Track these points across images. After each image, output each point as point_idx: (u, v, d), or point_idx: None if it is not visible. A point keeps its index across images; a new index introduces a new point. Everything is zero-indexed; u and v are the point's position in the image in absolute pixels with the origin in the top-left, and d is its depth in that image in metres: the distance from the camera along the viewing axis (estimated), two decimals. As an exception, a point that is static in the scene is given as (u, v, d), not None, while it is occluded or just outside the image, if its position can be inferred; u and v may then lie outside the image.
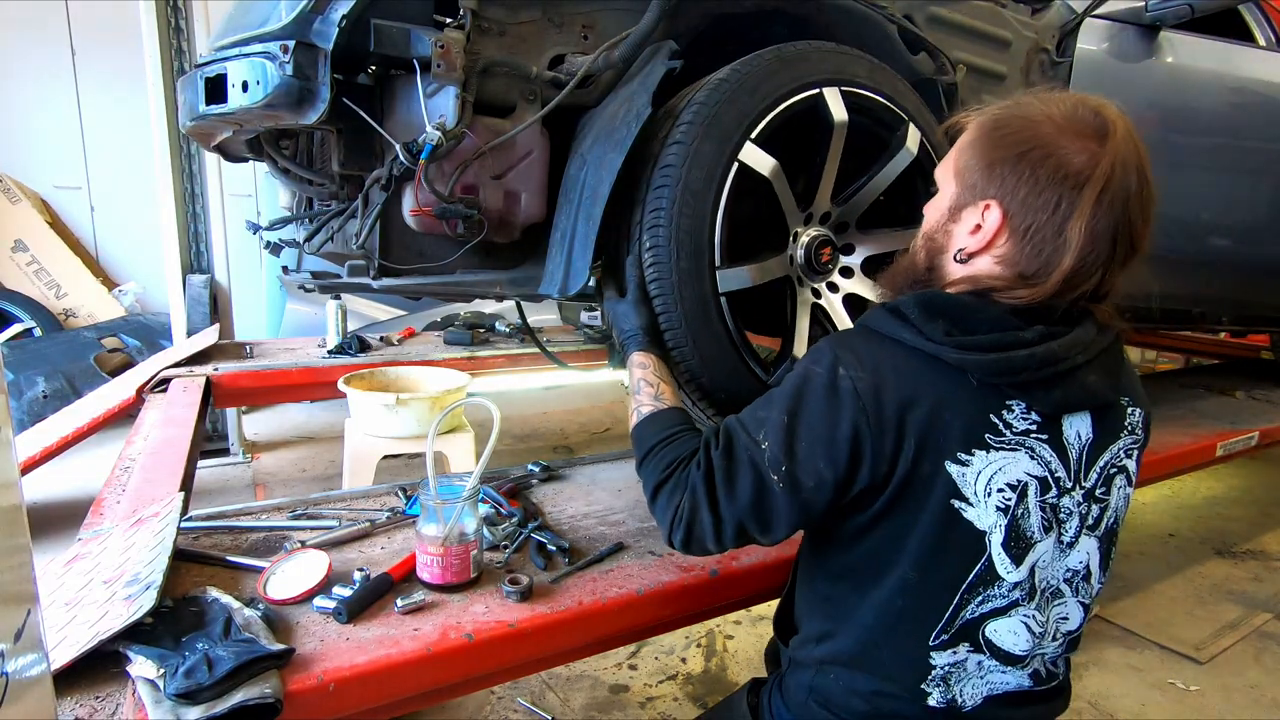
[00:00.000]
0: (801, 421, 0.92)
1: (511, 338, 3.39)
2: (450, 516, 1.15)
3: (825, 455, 0.90)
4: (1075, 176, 0.87)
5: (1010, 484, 0.89)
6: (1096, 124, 0.89)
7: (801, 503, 0.92)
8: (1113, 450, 0.97)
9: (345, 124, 1.36)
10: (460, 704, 1.91)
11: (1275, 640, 2.42)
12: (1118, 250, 0.89)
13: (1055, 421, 0.92)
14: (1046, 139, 0.89)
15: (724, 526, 0.96)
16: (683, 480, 1.00)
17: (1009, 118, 0.94)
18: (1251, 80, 2.30)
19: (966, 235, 0.95)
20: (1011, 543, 0.91)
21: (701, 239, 1.29)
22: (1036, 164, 0.89)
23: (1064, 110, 0.91)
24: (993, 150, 0.93)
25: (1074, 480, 0.94)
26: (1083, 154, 0.87)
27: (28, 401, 3.59)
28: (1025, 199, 0.89)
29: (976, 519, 0.89)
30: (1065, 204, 0.87)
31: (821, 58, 1.40)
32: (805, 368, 0.94)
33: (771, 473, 0.92)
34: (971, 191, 0.95)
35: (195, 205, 3.44)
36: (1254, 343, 4.16)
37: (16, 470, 0.59)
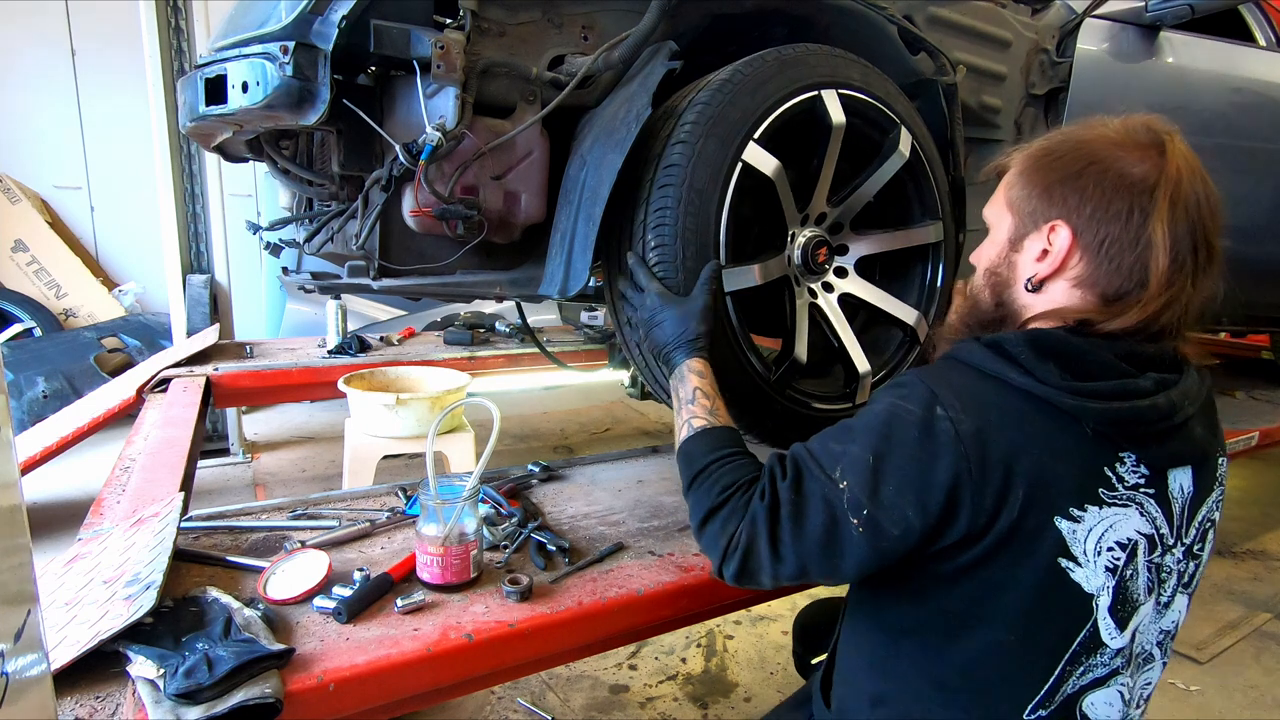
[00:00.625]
0: (889, 463, 0.84)
1: (511, 338, 3.39)
2: (450, 516, 1.15)
3: (916, 503, 0.82)
4: (1142, 183, 0.85)
5: (1120, 542, 0.84)
6: (1151, 136, 0.87)
7: (881, 550, 0.84)
8: (1208, 504, 0.93)
9: (345, 125, 1.36)
10: (460, 704, 1.91)
11: (1275, 640, 2.42)
12: (1199, 257, 0.85)
13: (1162, 475, 0.87)
14: (1103, 154, 0.87)
15: (783, 565, 0.88)
16: (740, 508, 0.92)
17: (1056, 145, 0.92)
18: (1251, 80, 2.30)
19: (1033, 263, 0.91)
20: (1118, 606, 0.85)
21: (707, 237, 1.29)
22: (1099, 177, 0.86)
23: (1115, 128, 0.89)
24: (1048, 174, 0.90)
25: (1175, 537, 0.89)
26: (1144, 163, 0.85)
27: (28, 401, 3.59)
28: (1093, 214, 0.87)
29: (1085, 580, 0.83)
30: (1138, 211, 0.84)
31: (818, 61, 1.41)
32: (893, 404, 0.86)
33: (851, 516, 0.84)
34: (1032, 219, 0.92)
35: (195, 205, 3.44)
36: (1254, 343, 4.16)
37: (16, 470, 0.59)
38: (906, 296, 1.59)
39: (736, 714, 1.97)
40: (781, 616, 2.44)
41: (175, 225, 3.34)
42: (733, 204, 1.31)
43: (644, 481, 1.70)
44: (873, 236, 1.54)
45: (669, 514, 1.51)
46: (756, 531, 0.89)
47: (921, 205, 1.56)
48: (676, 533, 1.43)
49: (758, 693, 2.06)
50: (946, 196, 1.59)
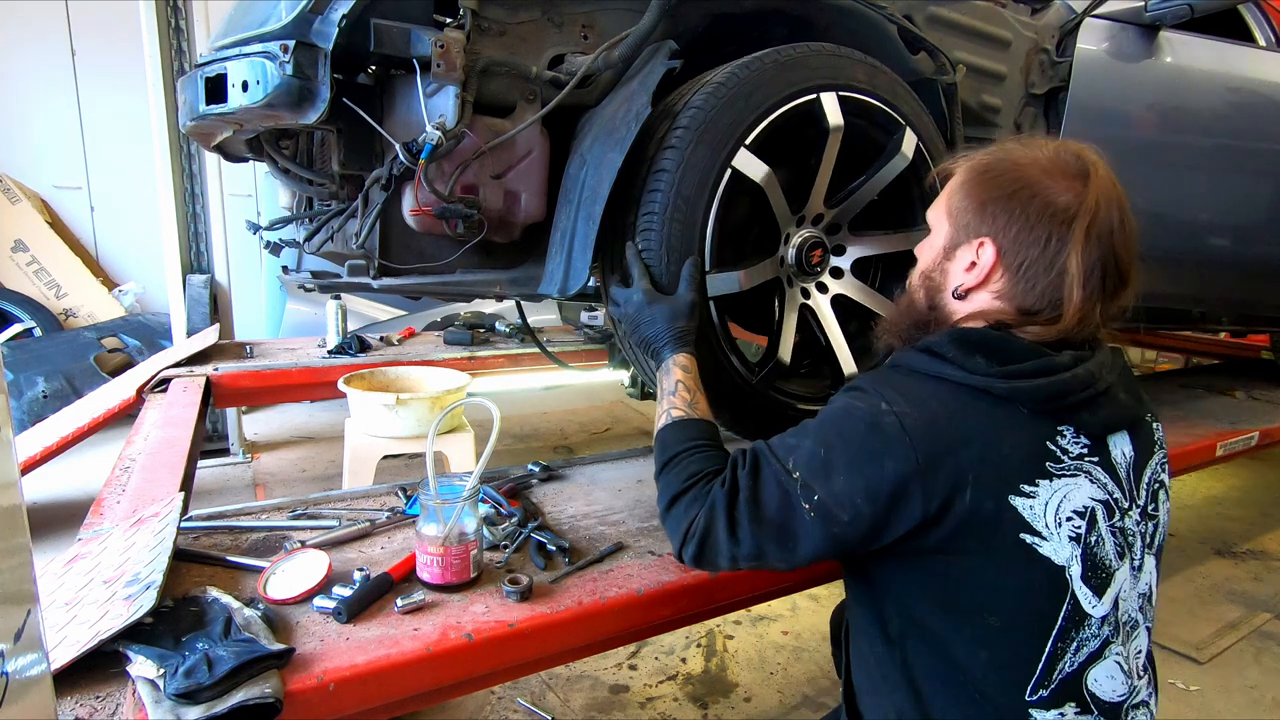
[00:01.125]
0: (838, 455, 0.90)
1: (511, 338, 3.39)
2: (450, 516, 1.15)
3: (865, 491, 0.88)
4: (1063, 213, 0.91)
5: (1077, 511, 0.88)
6: (1078, 166, 0.94)
7: (834, 536, 0.90)
8: (1152, 466, 0.99)
9: (345, 124, 1.36)
10: (460, 704, 1.91)
11: (1275, 640, 2.42)
12: (1107, 284, 0.93)
13: (1102, 443, 0.93)
14: (1033, 180, 0.94)
15: (740, 547, 0.94)
16: (702, 494, 0.98)
17: (996, 161, 0.98)
18: (1251, 80, 2.30)
19: (963, 272, 0.98)
20: (1090, 574, 0.89)
21: (692, 244, 1.30)
22: (1026, 202, 0.93)
23: (1048, 154, 0.96)
24: (983, 191, 0.97)
25: (1129, 500, 0.94)
26: (1068, 193, 0.92)
27: (28, 401, 3.59)
28: (1017, 236, 0.94)
29: (1053, 553, 0.87)
30: (1055, 239, 0.91)
31: (821, 62, 1.40)
32: (845, 402, 0.93)
33: (803, 501, 0.91)
34: (965, 231, 0.99)
35: (195, 205, 3.44)
36: (1254, 343, 4.16)
37: (16, 470, 0.59)
38: (905, 298, 1.59)
39: (736, 714, 1.97)
40: (781, 616, 2.44)
41: (175, 225, 3.34)
42: (721, 210, 1.32)
43: (644, 481, 1.69)
44: (870, 238, 1.54)
45: (669, 514, 1.51)
46: (715, 515, 0.95)
47: (924, 208, 1.56)
48: (677, 532, 1.43)
49: (758, 693, 2.06)
50: None
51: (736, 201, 1.36)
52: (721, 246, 1.34)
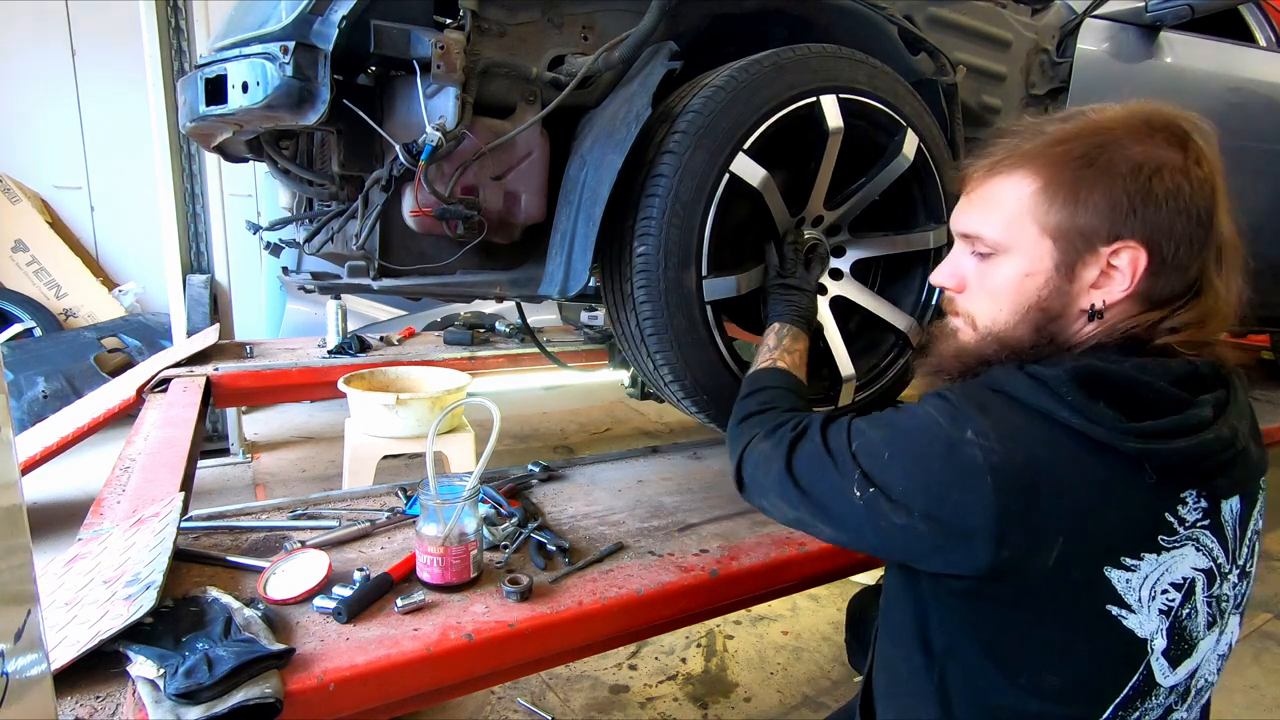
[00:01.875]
0: (902, 465, 0.80)
1: (511, 338, 3.39)
2: (450, 516, 1.15)
3: (924, 514, 0.77)
4: (1206, 181, 0.80)
5: (1175, 583, 0.77)
6: (1177, 128, 0.81)
7: (881, 530, 0.80)
8: (1255, 517, 0.86)
9: (345, 125, 1.36)
10: (460, 704, 1.91)
11: (1275, 640, 2.42)
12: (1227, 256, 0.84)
13: (1217, 505, 0.80)
14: (1154, 158, 0.79)
15: (784, 497, 0.90)
16: (773, 423, 0.96)
17: (1088, 149, 0.81)
18: (1251, 80, 2.30)
19: (1090, 289, 0.82)
20: (1173, 647, 0.78)
21: (690, 249, 1.30)
22: (1169, 186, 0.78)
23: (1137, 121, 0.82)
24: (1114, 192, 0.80)
25: (1231, 562, 0.83)
26: (1187, 159, 0.80)
27: (28, 401, 3.59)
28: (1168, 225, 0.79)
29: (1138, 626, 0.76)
30: (1204, 213, 0.79)
31: (820, 63, 1.40)
32: (926, 412, 0.80)
33: (855, 488, 0.82)
34: (1084, 242, 0.81)
35: (195, 205, 3.44)
36: (1254, 343, 4.15)
37: (16, 470, 0.59)
38: (904, 301, 1.59)
39: (736, 714, 1.97)
40: (781, 616, 2.44)
41: (175, 225, 3.34)
42: (719, 215, 1.32)
43: (644, 481, 1.70)
44: (870, 240, 1.54)
45: (669, 514, 1.51)
46: (776, 448, 0.92)
47: (926, 209, 1.56)
48: (676, 533, 1.43)
49: (758, 693, 2.06)
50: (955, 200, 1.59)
51: (736, 203, 1.36)
52: (720, 249, 1.35)
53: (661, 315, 1.32)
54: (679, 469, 1.79)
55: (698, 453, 1.91)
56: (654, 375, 1.46)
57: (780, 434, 0.94)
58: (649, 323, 1.33)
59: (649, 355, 1.40)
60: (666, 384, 1.44)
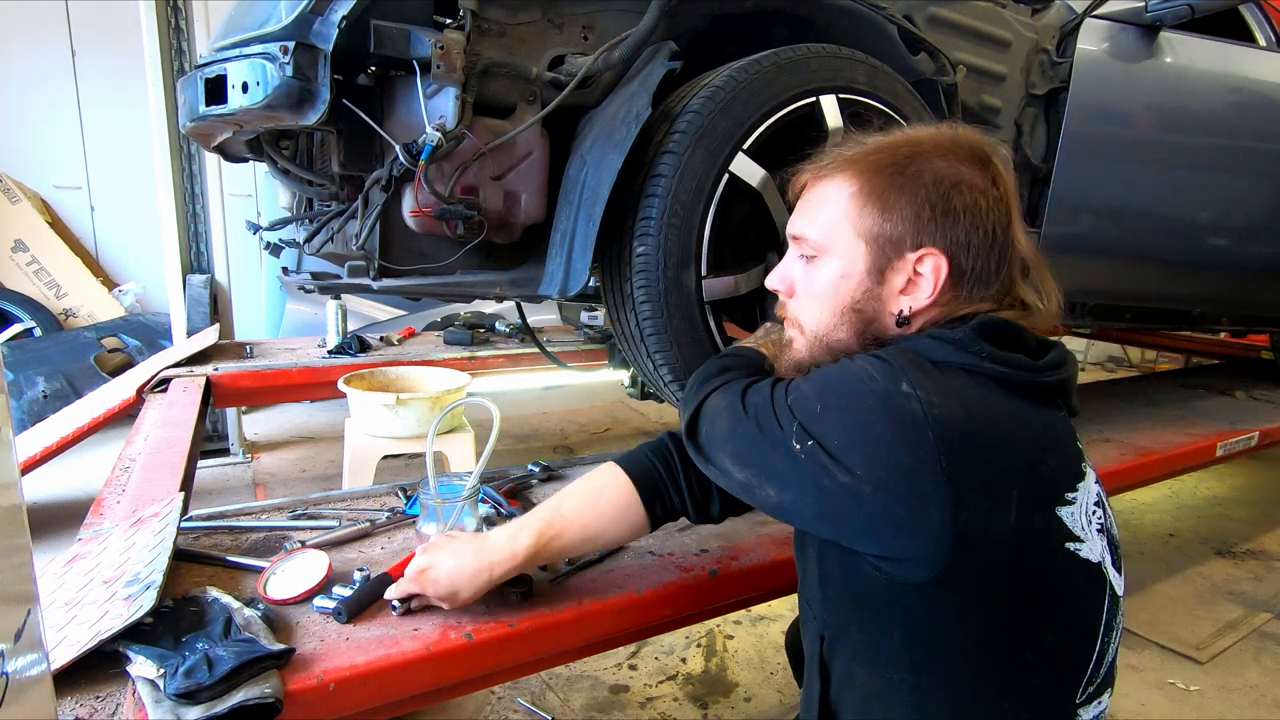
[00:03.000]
0: (838, 418, 0.77)
1: (511, 338, 3.39)
2: (450, 516, 1.15)
3: (868, 464, 0.74)
4: (1001, 197, 0.85)
5: (1097, 501, 0.82)
6: (981, 151, 0.87)
7: (822, 490, 0.76)
8: None
9: (345, 125, 1.36)
10: (460, 704, 1.91)
11: (1275, 640, 2.42)
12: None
13: None
14: (959, 175, 0.84)
15: (728, 460, 0.88)
16: (732, 380, 0.95)
17: (901, 159, 0.86)
18: (1251, 80, 2.30)
19: (900, 295, 0.86)
20: (1115, 555, 0.83)
21: (689, 249, 1.30)
22: (970, 200, 0.83)
23: (945, 141, 0.87)
24: (900, 195, 0.84)
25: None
26: (984, 176, 0.85)
27: (28, 401, 3.59)
28: (965, 236, 0.83)
29: (1090, 553, 0.79)
30: (999, 228, 0.84)
31: (820, 63, 1.40)
32: (858, 366, 0.79)
33: (795, 442, 0.78)
34: (893, 248, 0.85)
35: (195, 205, 3.44)
36: (1254, 343, 4.15)
37: (16, 470, 0.59)
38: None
39: (736, 714, 1.97)
40: (781, 616, 2.44)
41: (175, 225, 3.34)
42: (718, 215, 1.32)
43: (644, 481, 1.69)
44: None
45: (669, 514, 1.51)
46: (727, 400, 0.90)
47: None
48: (676, 533, 1.43)
49: (758, 693, 2.06)
50: None
51: (736, 202, 1.36)
52: (720, 250, 1.35)
53: (661, 315, 1.32)
54: (679, 469, 1.79)
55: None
56: (654, 375, 1.46)
57: (733, 389, 0.92)
58: (649, 323, 1.33)
59: (649, 355, 1.40)
60: (666, 384, 1.44)
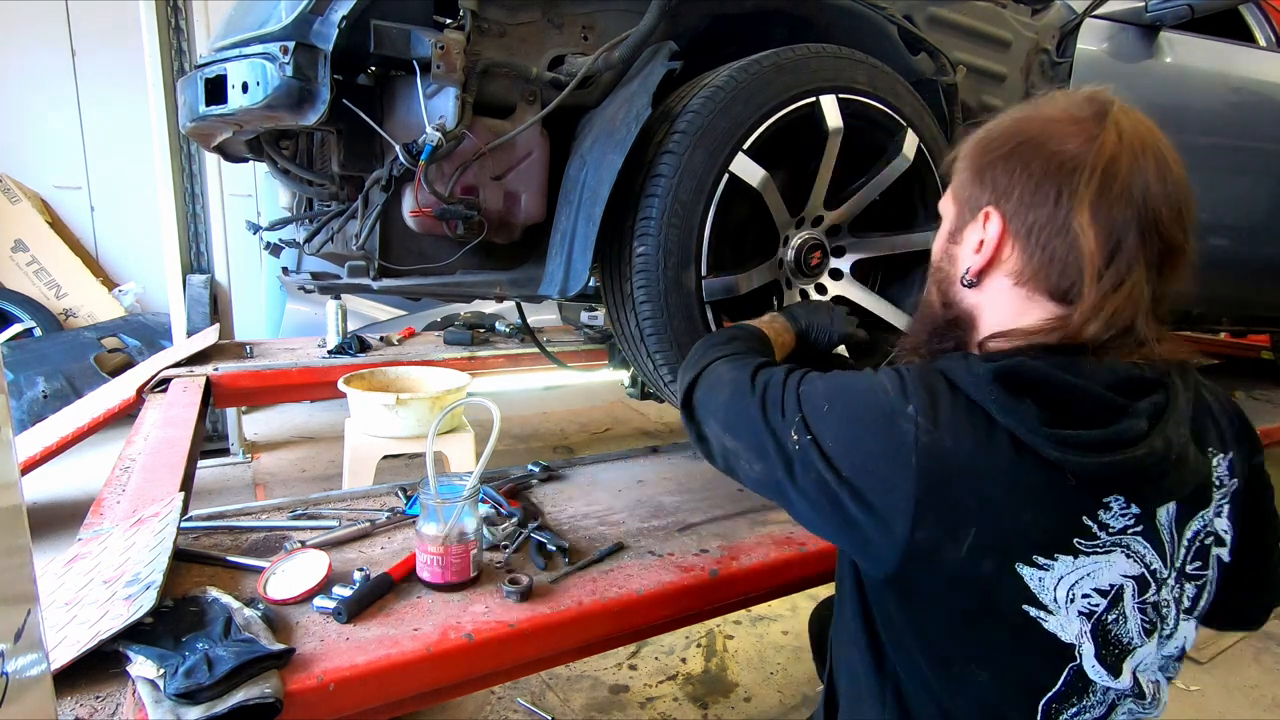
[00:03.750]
0: (837, 420, 0.80)
1: (511, 338, 3.39)
2: (450, 516, 1.15)
3: (852, 470, 0.77)
4: (1072, 160, 0.76)
5: (1099, 589, 0.76)
6: (1092, 108, 0.79)
7: (803, 481, 0.81)
8: (1204, 517, 0.83)
9: (345, 125, 1.36)
10: (460, 704, 1.91)
11: (1275, 640, 2.42)
12: (1147, 248, 0.76)
13: (1151, 511, 0.78)
14: (1036, 130, 0.80)
15: (727, 428, 0.92)
16: (739, 357, 0.99)
17: (996, 124, 0.85)
18: (1251, 80, 2.30)
19: (971, 254, 0.85)
20: (1105, 652, 0.77)
21: (689, 249, 1.30)
22: (1029, 157, 0.79)
23: (1054, 103, 0.82)
24: (982, 157, 0.84)
25: (1169, 567, 0.80)
26: (1078, 137, 0.77)
27: (28, 401, 3.59)
28: (1021, 196, 0.79)
29: (1059, 630, 0.75)
30: (1066, 193, 0.76)
31: (821, 64, 1.40)
32: (875, 380, 0.81)
33: (793, 431, 0.82)
34: (968, 207, 0.85)
35: (195, 205, 3.44)
36: (1254, 343, 4.15)
37: (16, 470, 0.59)
38: (904, 301, 1.59)
39: (736, 714, 1.97)
40: (781, 616, 2.44)
41: (175, 225, 3.34)
42: (719, 215, 1.32)
43: (644, 481, 1.70)
44: (870, 240, 1.54)
45: (669, 514, 1.51)
46: (738, 372, 0.93)
47: (925, 209, 1.56)
48: (676, 533, 1.43)
49: (758, 693, 2.06)
50: None
51: (736, 202, 1.36)
52: (720, 249, 1.35)
53: (661, 315, 1.32)
54: (679, 469, 1.79)
55: (698, 453, 1.91)
56: (654, 375, 1.46)
57: (746, 363, 0.95)
58: (649, 323, 1.33)
59: (649, 355, 1.40)
60: (666, 384, 1.44)
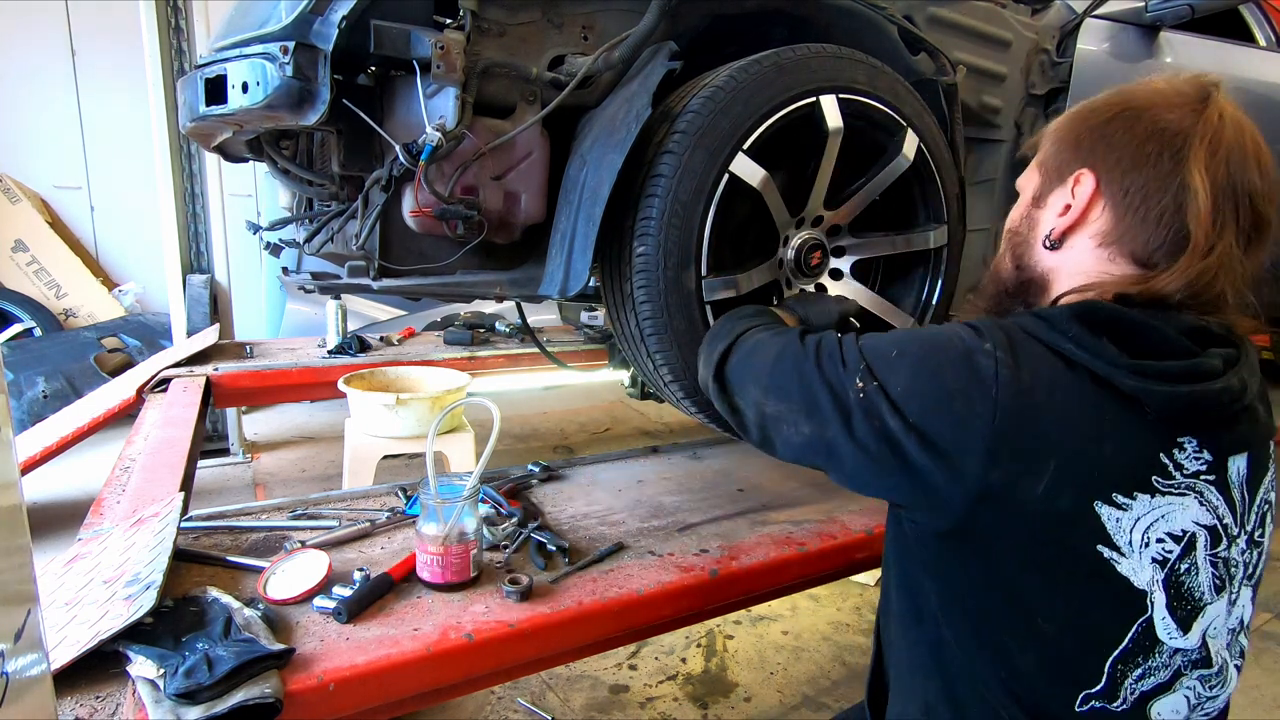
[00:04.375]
0: (912, 361, 0.79)
1: (511, 338, 3.39)
2: (450, 516, 1.15)
3: (921, 412, 0.76)
4: (1176, 127, 0.78)
5: (1173, 534, 0.75)
6: (1196, 89, 0.80)
7: (866, 433, 0.78)
8: (1265, 485, 0.84)
9: (345, 125, 1.36)
10: (460, 704, 1.91)
11: (1275, 640, 2.42)
12: (1242, 219, 0.77)
13: (1223, 461, 0.78)
14: (1139, 103, 0.81)
15: (771, 391, 0.89)
16: (773, 328, 0.99)
17: (1092, 101, 0.87)
18: (1251, 80, 2.30)
19: (1055, 217, 0.86)
20: (1176, 604, 0.76)
21: (689, 249, 1.30)
22: (1131, 123, 0.80)
23: (1158, 82, 0.83)
24: (1079, 127, 0.85)
25: (1239, 526, 0.80)
26: (1181, 109, 0.79)
27: (28, 401, 3.59)
28: (1119, 159, 0.80)
29: (1132, 574, 0.74)
30: (1169, 155, 0.77)
31: (820, 64, 1.40)
32: (951, 328, 0.81)
33: (859, 379, 0.80)
34: (1058, 173, 0.86)
35: (195, 205, 3.44)
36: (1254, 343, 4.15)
37: (16, 470, 0.59)
38: (904, 301, 1.58)
39: (736, 714, 1.97)
40: (781, 616, 2.44)
41: (175, 225, 3.34)
42: (719, 215, 1.32)
43: (644, 481, 1.70)
44: (870, 240, 1.54)
45: (669, 514, 1.51)
46: (780, 336, 0.92)
47: (926, 209, 1.56)
48: (676, 533, 1.43)
49: (758, 693, 2.06)
50: (956, 200, 1.58)
51: (736, 202, 1.36)
52: (720, 249, 1.35)
53: (661, 315, 1.32)
54: (679, 469, 1.79)
55: (698, 453, 1.91)
56: (654, 375, 1.46)
57: (787, 332, 0.94)
58: (649, 323, 1.33)
59: (649, 355, 1.40)
60: (666, 384, 1.44)
